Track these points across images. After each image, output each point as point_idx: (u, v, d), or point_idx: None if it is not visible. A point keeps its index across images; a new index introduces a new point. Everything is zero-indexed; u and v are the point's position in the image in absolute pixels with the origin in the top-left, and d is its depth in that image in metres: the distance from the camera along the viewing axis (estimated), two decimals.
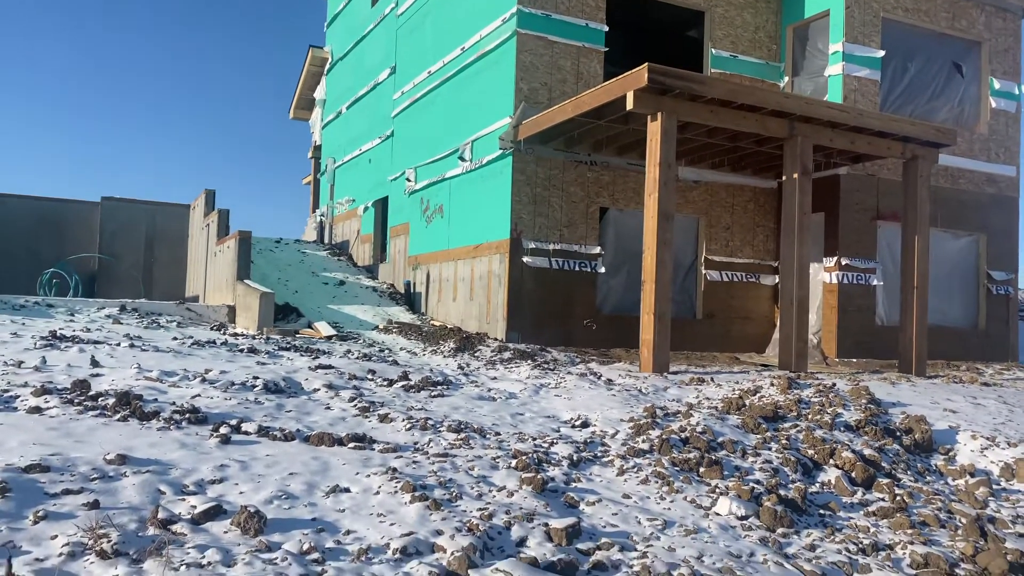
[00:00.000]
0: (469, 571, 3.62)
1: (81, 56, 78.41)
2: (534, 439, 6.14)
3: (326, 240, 22.60)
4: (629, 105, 9.74)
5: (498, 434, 6.22)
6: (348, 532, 3.99)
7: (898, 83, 13.90)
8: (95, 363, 7.60)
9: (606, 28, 12.93)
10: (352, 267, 19.10)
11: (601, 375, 9.41)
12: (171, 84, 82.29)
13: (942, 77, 14.41)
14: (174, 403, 6.07)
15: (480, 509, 4.44)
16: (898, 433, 7.09)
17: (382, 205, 18.74)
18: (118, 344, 9.32)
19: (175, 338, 10.50)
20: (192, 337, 10.78)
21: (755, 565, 4.18)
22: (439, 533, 4.02)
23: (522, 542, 4.10)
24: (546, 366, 9.95)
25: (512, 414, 7.05)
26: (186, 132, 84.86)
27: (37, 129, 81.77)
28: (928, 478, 6.35)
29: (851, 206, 13.36)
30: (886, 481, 5.89)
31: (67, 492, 4.04)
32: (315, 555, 3.66)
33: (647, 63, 9.49)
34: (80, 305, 13.28)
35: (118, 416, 5.55)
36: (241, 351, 9.58)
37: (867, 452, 6.34)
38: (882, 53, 13.35)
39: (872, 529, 5.03)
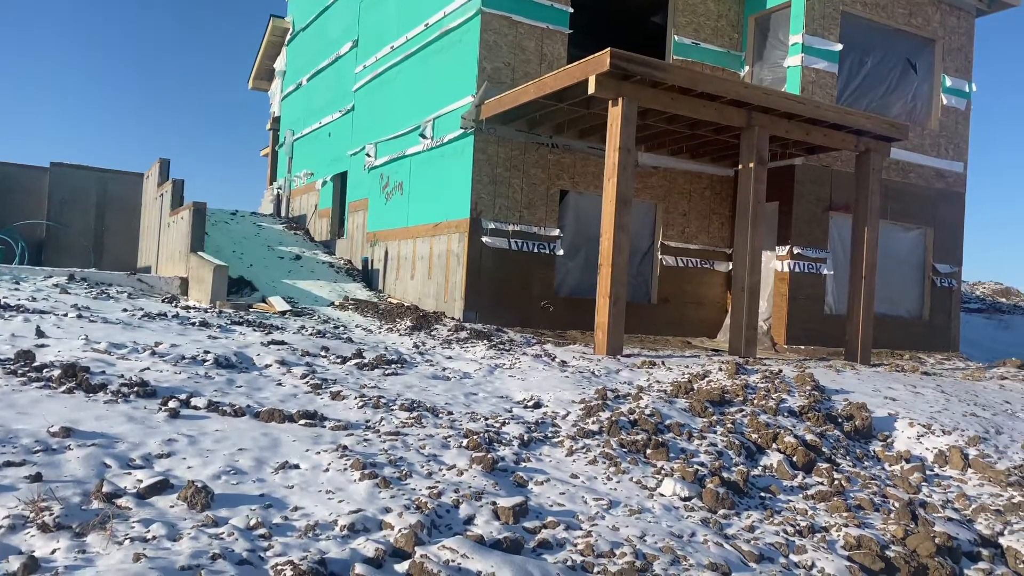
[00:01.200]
0: (416, 548, 3.67)
1: (34, 20, 75.68)
2: (486, 419, 6.20)
3: (283, 213, 22.29)
4: (591, 89, 9.77)
5: (451, 413, 6.26)
6: (296, 508, 4.00)
7: (854, 77, 14.16)
8: (40, 333, 7.43)
9: (571, 10, 12.92)
10: (309, 242, 18.89)
11: (556, 356, 9.50)
12: (126, 50, 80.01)
13: (896, 73, 14.72)
14: (122, 376, 5.99)
15: (429, 487, 4.48)
16: (840, 419, 7.32)
17: (341, 180, 18.54)
18: (65, 314, 9.12)
19: (125, 309, 10.30)
20: (143, 309, 10.59)
21: (695, 545, 4.31)
22: (388, 510, 4.06)
23: (470, 520, 4.16)
24: (502, 346, 10.01)
25: (465, 394, 7.10)
26: (141, 99, 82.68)
27: None
28: (866, 463, 6.57)
29: (805, 196, 13.62)
30: (826, 466, 6.09)
31: (8, 464, 3.99)
32: (262, 530, 3.68)
33: (609, 48, 9.51)
34: (26, 273, 12.93)
35: (63, 388, 5.46)
36: (193, 324, 9.46)
37: (809, 437, 6.54)
38: (840, 46, 13.57)
39: (810, 512, 5.20)
